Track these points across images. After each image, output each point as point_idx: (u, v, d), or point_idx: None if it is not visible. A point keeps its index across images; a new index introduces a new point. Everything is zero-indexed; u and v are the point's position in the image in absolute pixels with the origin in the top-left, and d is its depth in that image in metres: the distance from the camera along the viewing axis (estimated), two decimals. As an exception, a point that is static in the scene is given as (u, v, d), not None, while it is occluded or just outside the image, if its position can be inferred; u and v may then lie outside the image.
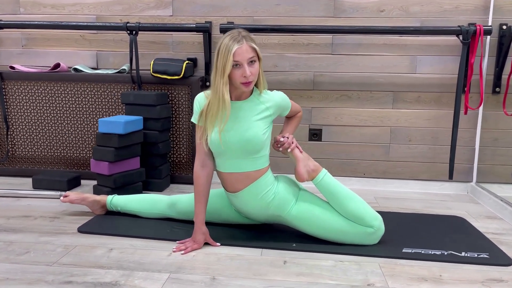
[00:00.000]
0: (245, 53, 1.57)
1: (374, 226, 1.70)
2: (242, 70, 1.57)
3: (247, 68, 1.57)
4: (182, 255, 1.63)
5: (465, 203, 2.39)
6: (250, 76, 1.58)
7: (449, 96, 2.54)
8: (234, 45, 1.56)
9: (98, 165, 2.27)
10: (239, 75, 1.58)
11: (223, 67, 1.57)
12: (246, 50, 1.57)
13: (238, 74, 1.58)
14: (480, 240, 1.83)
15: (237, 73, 1.58)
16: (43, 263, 1.54)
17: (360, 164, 2.66)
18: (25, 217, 2.00)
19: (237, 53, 1.56)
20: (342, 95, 2.61)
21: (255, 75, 1.61)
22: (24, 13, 2.72)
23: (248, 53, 1.57)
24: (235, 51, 1.55)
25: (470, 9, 2.46)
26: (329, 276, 1.50)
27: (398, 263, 1.61)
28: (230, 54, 1.55)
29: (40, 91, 2.66)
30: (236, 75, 1.59)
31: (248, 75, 1.57)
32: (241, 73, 1.58)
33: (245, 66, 1.57)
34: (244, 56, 1.56)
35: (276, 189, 1.74)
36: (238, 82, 1.60)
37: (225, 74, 1.57)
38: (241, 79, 1.59)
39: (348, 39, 2.56)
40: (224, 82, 1.58)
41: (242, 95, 1.69)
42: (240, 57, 1.56)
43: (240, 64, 1.57)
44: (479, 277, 1.52)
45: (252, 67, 1.59)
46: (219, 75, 1.58)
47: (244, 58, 1.57)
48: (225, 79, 1.57)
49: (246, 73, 1.57)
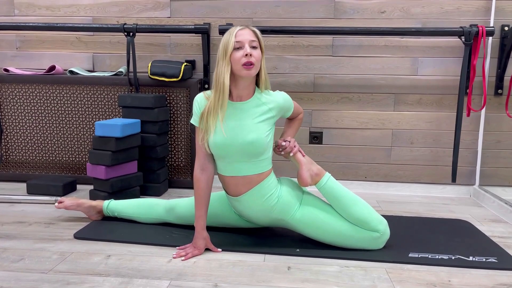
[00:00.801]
0: (246, 35, 1.57)
1: (379, 230, 1.66)
2: (244, 50, 1.55)
3: (248, 47, 1.55)
4: (182, 261, 1.58)
5: (469, 206, 2.36)
6: (251, 57, 1.55)
7: (451, 98, 2.52)
8: (236, 27, 1.58)
9: (95, 169, 2.21)
10: (240, 56, 1.54)
11: (225, 50, 1.56)
12: (248, 33, 1.58)
13: (238, 56, 1.55)
14: (487, 244, 1.79)
15: (238, 54, 1.55)
16: (38, 271, 1.48)
17: (361, 167, 2.63)
18: (19, 223, 1.94)
19: (239, 34, 1.56)
20: (342, 97, 2.58)
21: (257, 59, 1.57)
22: (19, 15, 2.67)
23: (250, 35, 1.57)
24: (237, 32, 1.57)
25: (471, 10, 2.44)
26: (335, 282, 1.45)
27: (405, 268, 1.57)
28: (232, 35, 1.56)
29: (35, 94, 2.60)
30: (237, 57, 1.55)
31: (249, 52, 1.54)
32: (242, 53, 1.54)
33: (246, 46, 1.55)
34: (245, 37, 1.56)
35: (279, 193, 1.69)
36: (239, 64, 1.55)
37: (227, 56, 1.55)
38: (242, 59, 1.54)
39: (348, 41, 2.52)
40: (225, 65, 1.56)
41: (244, 93, 1.64)
42: (242, 37, 1.56)
43: (241, 46, 1.56)
44: (489, 282, 1.48)
45: (254, 50, 1.57)
46: (221, 60, 1.57)
47: (245, 39, 1.56)
48: (226, 62, 1.56)
49: (247, 51, 1.54)
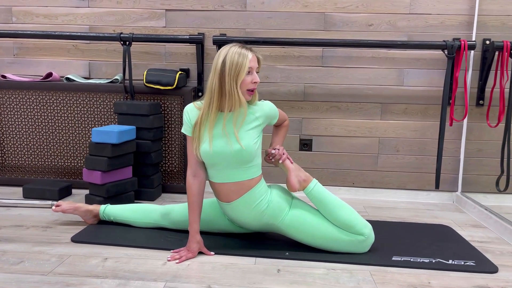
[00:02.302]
0: (255, 61, 1.70)
1: (364, 234, 1.75)
2: (253, 76, 1.68)
3: (256, 75, 1.69)
4: (177, 264, 1.65)
5: (451, 212, 2.46)
6: (256, 84, 1.70)
7: (435, 108, 2.62)
8: (248, 52, 1.67)
9: (91, 175, 2.27)
10: (249, 82, 1.68)
11: (238, 73, 1.64)
12: (255, 59, 1.71)
13: (248, 80, 1.67)
14: (466, 248, 1.89)
15: (248, 79, 1.67)
16: (38, 273, 1.54)
17: (349, 174, 2.72)
18: (17, 227, 2.00)
19: (252, 60, 1.68)
20: (332, 106, 2.67)
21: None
22: (17, 22, 2.73)
23: (256, 62, 1.71)
24: (251, 58, 1.67)
25: (454, 25, 2.56)
26: (322, 284, 1.54)
27: (388, 271, 1.66)
28: (247, 59, 1.65)
29: (32, 100, 2.66)
30: (246, 82, 1.67)
31: (258, 81, 1.70)
32: (251, 79, 1.68)
33: (254, 73, 1.69)
34: (255, 63, 1.71)
35: (269, 198, 1.77)
36: (245, 89, 1.68)
37: (239, 80, 1.65)
38: (250, 85, 1.68)
39: (338, 52, 2.62)
40: (235, 85, 1.65)
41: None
42: (253, 63, 1.68)
43: (251, 72, 1.68)
44: (466, 284, 1.57)
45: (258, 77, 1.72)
46: (231, 78, 1.64)
47: (254, 65, 1.70)
48: (238, 82, 1.65)
49: (257, 79, 1.70)
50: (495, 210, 2.25)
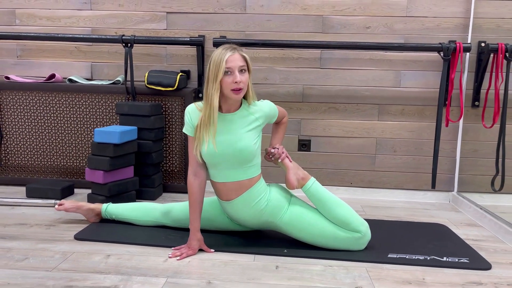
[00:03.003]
0: (237, 61, 1.66)
1: (361, 231, 1.79)
2: (233, 76, 1.65)
3: (237, 75, 1.65)
4: (177, 261, 1.69)
5: (447, 212, 2.50)
6: (240, 83, 1.66)
7: (432, 109, 2.67)
8: (227, 52, 1.66)
9: (93, 174, 2.32)
10: (230, 82, 1.65)
11: (216, 74, 1.65)
12: (238, 58, 1.67)
13: (229, 81, 1.65)
14: (461, 246, 1.93)
15: (228, 80, 1.65)
16: (43, 269, 1.58)
17: (347, 174, 2.76)
18: (21, 225, 2.04)
19: (229, 60, 1.65)
20: (330, 107, 2.71)
21: (245, 83, 1.69)
22: (20, 25, 2.77)
23: (240, 61, 1.67)
24: (227, 58, 1.65)
25: (450, 27, 2.60)
26: (319, 280, 1.58)
27: (384, 268, 1.70)
28: (223, 61, 1.64)
29: (35, 101, 2.70)
30: (227, 82, 1.66)
31: (239, 81, 1.65)
32: (232, 79, 1.65)
33: (236, 73, 1.65)
34: (236, 63, 1.66)
35: (268, 196, 1.81)
36: (228, 89, 1.67)
37: (217, 80, 1.65)
38: (232, 85, 1.66)
39: (336, 54, 2.67)
40: (215, 88, 1.66)
41: (232, 107, 1.76)
42: (232, 63, 1.65)
43: (231, 71, 1.66)
44: (459, 280, 1.61)
45: (242, 75, 1.67)
46: (211, 82, 1.67)
47: (235, 65, 1.66)
48: (217, 85, 1.65)
49: (237, 79, 1.64)
50: (490, 209, 2.29)
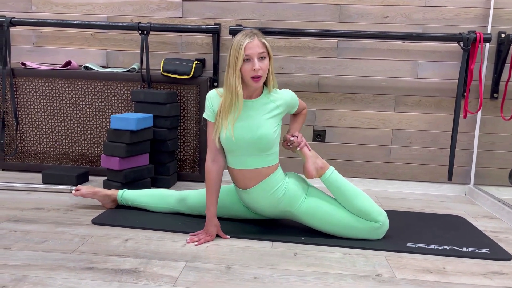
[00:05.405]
0: (255, 48, 1.64)
1: (379, 221, 1.78)
2: (252, 63, 1.64)
3: (256, 62, 1.64)
4: (196, 246, 1.69)
5: (463, 204, 2.48)
6: (259, 70, 1.65)
7: (449, 100, 2.64)
8: (245, 39, 1.64)
9: (109, 161, 2.32)
10: (249, 69, 1.65)
11: (235, 61, 1.64)
12: (257, 45, 1.65)
13: (248, 68, 1.65)
14: (480, 237, 1.91)
15: (247, 67, 1.65)
16: (62, 251, 1.59)
17: (362, 165, 2.74)
18: (38, 209, 2.05)
19: (248, 47, 1.64)
20: (345, 97, 2.69)
21: (264, 70, 1.67)
22: (36, 11, 2.77)
23: (259, 48, 1.65)
24: (246, 45, 1.63)
25: (470, 17, 2.56)
26: (338, 266, 1.57)
27: (403, 256, 1.68)
28: (242, 48, 1.63)
29: (51, 88, 2.71)
30: (246, 70, 1.65)
31: (257, 68, 1.64)
32: (251, 66, 1.64)
33: (255, 60, 1.64)
34: (254, 50, 1.64)
35: (286, 185, 1.80)
36: (248, 76, 1.66)
37: (237, 68, 1.64)
38: (251, 73, 1.65)
39: (352, 44, 2.64)
40: (236, 76, 1.65)
41: (253, 94, 1.75)
42: (251, 51, 1.64)
43: (250, 59, 1.64)
44: (481, 270, 1.60)
45: (262, 62, 1.66)
46: (232, 69, 1.66)
47: (254, 52, 1.64)
48: (237, 73, 1.65)
49: (256, 66, 1.63)
50: (509, 202, 2.26)
